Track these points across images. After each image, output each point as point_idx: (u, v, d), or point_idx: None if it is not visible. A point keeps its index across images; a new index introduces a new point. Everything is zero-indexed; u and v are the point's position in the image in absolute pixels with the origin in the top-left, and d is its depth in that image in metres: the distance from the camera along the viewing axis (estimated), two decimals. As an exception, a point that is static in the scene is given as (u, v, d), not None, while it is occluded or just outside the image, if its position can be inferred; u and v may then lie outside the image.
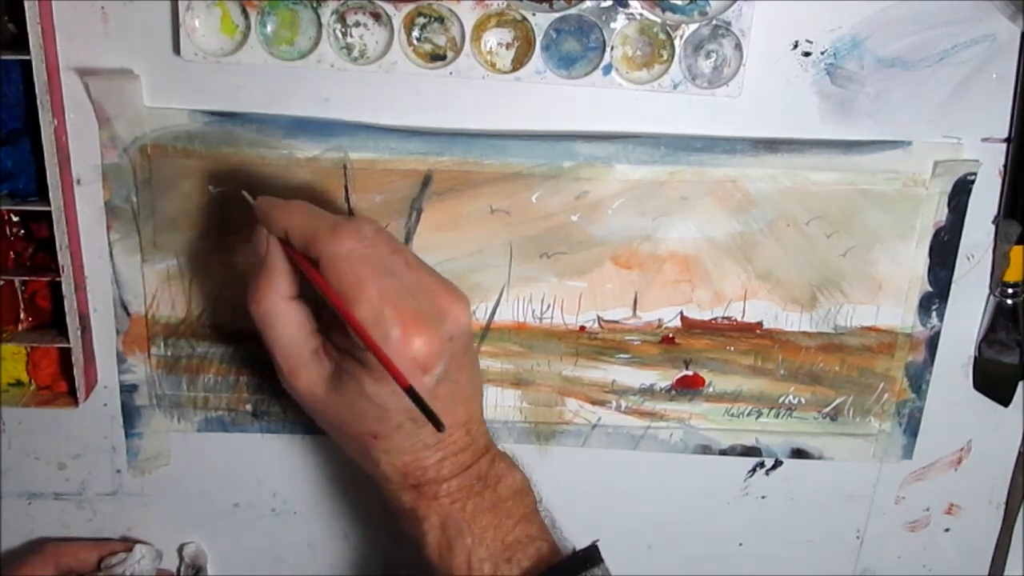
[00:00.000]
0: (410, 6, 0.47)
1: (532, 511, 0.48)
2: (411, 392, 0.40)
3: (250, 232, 0.45)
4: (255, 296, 0.44)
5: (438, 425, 0.40)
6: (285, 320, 0.44)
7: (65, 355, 0.52)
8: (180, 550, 0.59)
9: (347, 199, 0.51)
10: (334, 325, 0.45)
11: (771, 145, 0.51)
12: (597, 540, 0.48)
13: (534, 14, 0.47)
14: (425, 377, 0.42)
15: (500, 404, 0.56)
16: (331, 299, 0.42)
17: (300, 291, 0.45)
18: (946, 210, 0.53)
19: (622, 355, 0.55)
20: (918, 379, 0.57)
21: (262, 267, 0.44)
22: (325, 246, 0.42)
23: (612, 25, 0.48)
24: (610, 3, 0.48)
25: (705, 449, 0.58)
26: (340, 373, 0.44)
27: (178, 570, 0.59)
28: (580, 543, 0.60)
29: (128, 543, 0.58)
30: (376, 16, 0.48)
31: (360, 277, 0.41)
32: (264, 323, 0.44)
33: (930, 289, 0.55)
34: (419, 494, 0.46)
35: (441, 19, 0.48)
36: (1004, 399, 0.57)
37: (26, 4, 0.45)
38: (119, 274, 0.52)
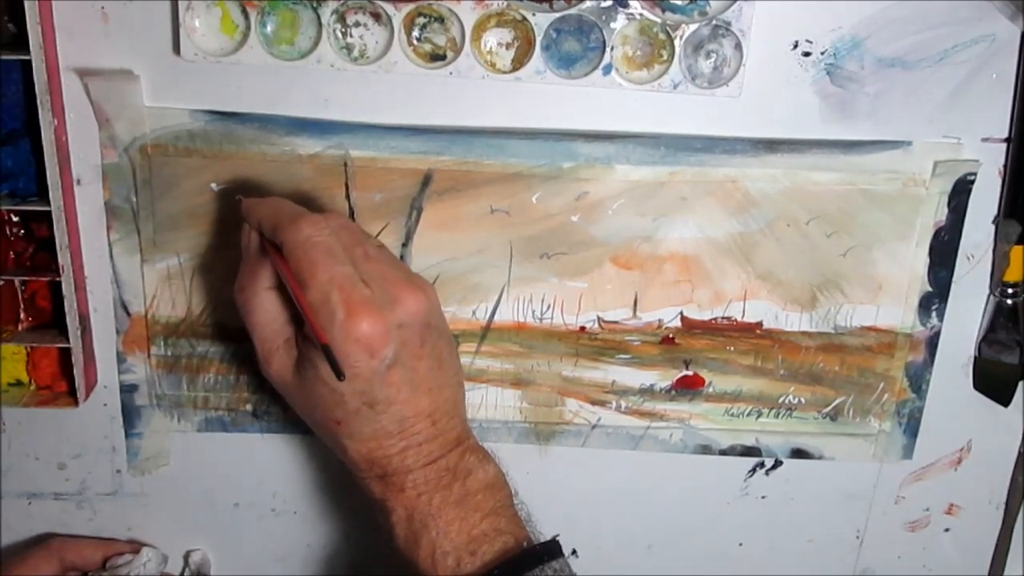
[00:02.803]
0: (410, 6, 0.47)
1: (503, 505, 0.48)
2: (325, 348, 0.42)
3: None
4: (238, 285, 0.48)
5: (338, 374, 0.42)
6: (262, 308, 0.47)
7: (65, 355, 0.52)
8: (187, 557, 0.59)
9: (348, 197, 0.51)
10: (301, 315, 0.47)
11: (771, 145, 0.51)
12: (558, 535, 0.48)
13: (534, 14, 0.47)
14: (373, 360, 0.43)
15: (500, 404, 0.56)
16: (287, 281, 0.44)
17: (279, 282, 0.47)
18: (946, 210, 0.53)
19: (622, 355, 0.55)
20: (918, 379, 0.57)
21: (245, 259, 0.48)
22: (286, 233, 0.44)
23: (612, 25, 0.48)
24: (610, 3, 0.48)
25: (705, 449, 0.58)
26: (302, 360, 0.46)
27: (181, 574, 0.59)
28: (579, 543, 0.60)
29: (135, 545, 0.58)
30: (376, 16, 0.48)
31: (313, 262, 0.43)
32: (245, 310, 0.47)
33: (930, 289, 0.55)
34: (386, 485, 0.47)
35: (441, 19, 0.48)
36: (1004, 399, 0.57)
37: (26, 4, 0.45)
38: (119, 274, 0.52)
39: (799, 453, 0.58)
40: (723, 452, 0.58)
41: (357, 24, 0.48)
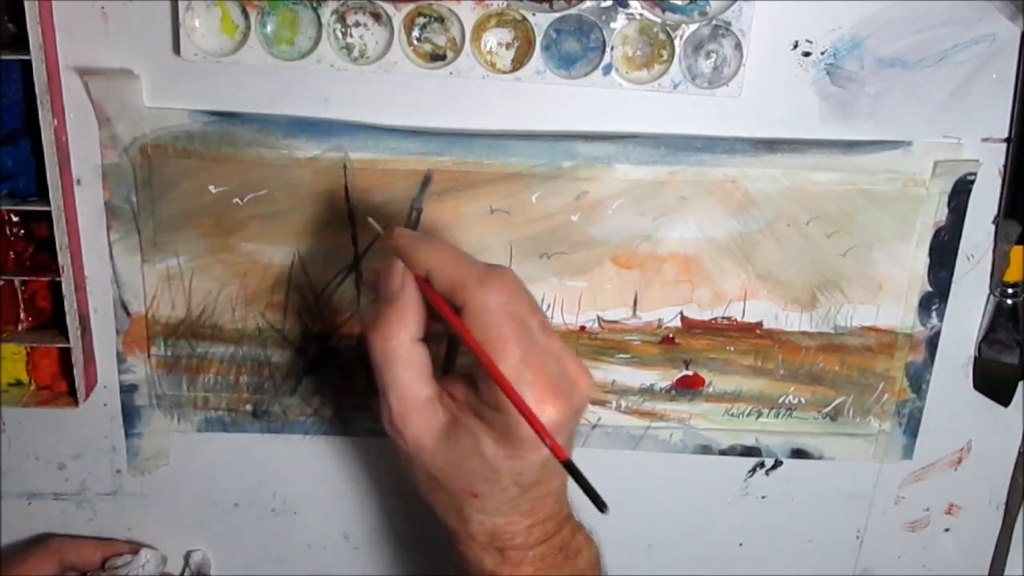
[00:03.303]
0: (410, 6, 0.47)
1: None
2: (569, 466, 0.39)
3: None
4: (385, 332, 0.42)
5: (601, 506, 0.38)
6: (409, 361, 0.42)
7: (65, 355, 0.52)
8: (187, 557, 0.59)
9: (347, 199, 0.51)
10: (455, 376, 0.44)
11: (771, 145, 0.51)
12: None
13: (534, 14, 0.47)
14: (545, 447, 0.40)
15: (500, 404, 0.56)
16: (477, 352, 0.40)
17: (426, 334, 0.43)
18: (946, 210, 0.53)
19: (622, 355, 0.55)
20: (918, 379, 0.57)
21: (394, 302, 0.42)
22: (473, 296, 0.40)
23: (612, 25, 0.48)
24: (610, 3, 0.48)
25: (705, 449, 0.58)
26: (456, 426, 0.42)
27: (181, 574, 0.59)
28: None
29: (134, 545, 0.58)
30: (376, 16, 0.48)
31: (505, 334, 0.39)
32: (386, 360, 0.42)
33: (930, 289, 0.55)
34: (503, 559, 0.44)
35: (441, 19, 0.48)
36: (1004, 399, 0.57)
37: (26, 4, 0.45)
38: (119, 274, 0.52)
39: (799, 453, 0.58)
40: (723, 452, 0.58)
41: (357, 24, 0.48)
